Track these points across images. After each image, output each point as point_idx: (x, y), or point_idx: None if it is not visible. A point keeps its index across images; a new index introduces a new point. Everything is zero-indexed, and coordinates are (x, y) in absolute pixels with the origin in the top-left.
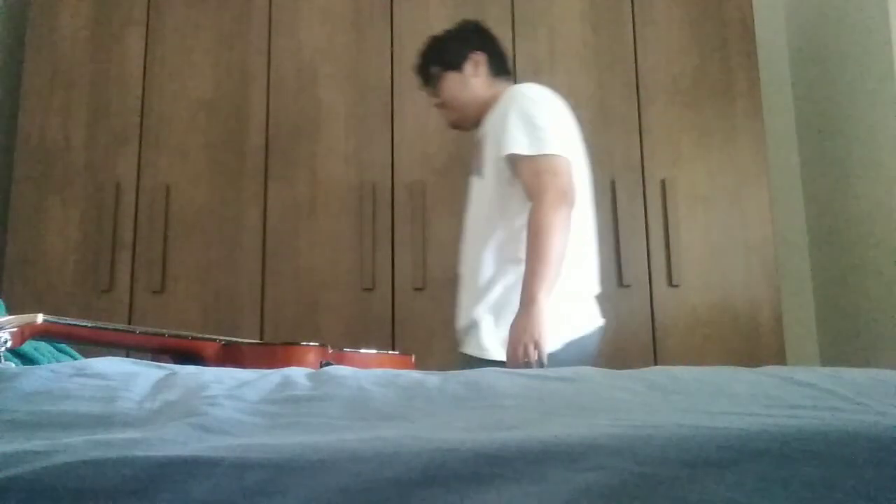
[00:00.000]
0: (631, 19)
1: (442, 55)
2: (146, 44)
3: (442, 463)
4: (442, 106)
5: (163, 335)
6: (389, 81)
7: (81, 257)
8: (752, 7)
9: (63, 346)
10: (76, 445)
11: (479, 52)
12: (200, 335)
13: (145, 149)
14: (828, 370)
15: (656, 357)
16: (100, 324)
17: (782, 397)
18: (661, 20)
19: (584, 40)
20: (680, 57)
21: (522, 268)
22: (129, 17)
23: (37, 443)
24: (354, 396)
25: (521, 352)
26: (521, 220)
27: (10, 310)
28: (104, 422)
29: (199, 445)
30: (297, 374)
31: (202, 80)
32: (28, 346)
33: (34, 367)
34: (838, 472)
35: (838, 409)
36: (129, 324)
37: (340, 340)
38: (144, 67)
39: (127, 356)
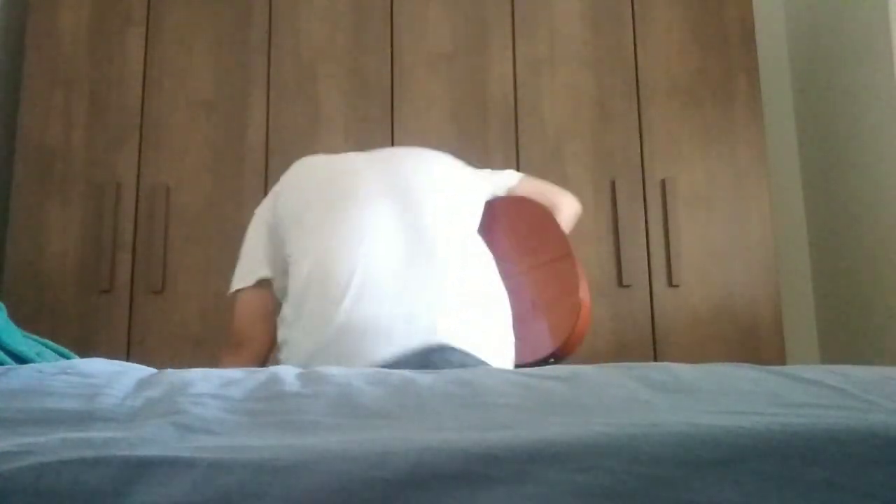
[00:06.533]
0: (631, 19)
1: None
2: (146, 44)
3: (431, 463)
4: None
5: None
6: (389, 81)
7: (81, 258)
8: (752, 7)
9: (67, 352)
10: (53, 445)
11: None
12: None
13: (145, 149)
14: (833, 367)
15: (656, 357)
16: None
17: (787, 395)
18: (661, 20)
19: (584, 40)
20: (680, 57)
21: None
22: (129, 17)
23: (14, 441)
24: (342, 394)
25: None
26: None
27: (11, 311)
28: (86, 418)
29: (179, 445)
30: (287, 372)
31: (202, 80)
32: (31, 351)
33: (21, 366)
34: (845, 471)
35: (845, 408)
36: (130, 324)
37: None
38: (144, 67)
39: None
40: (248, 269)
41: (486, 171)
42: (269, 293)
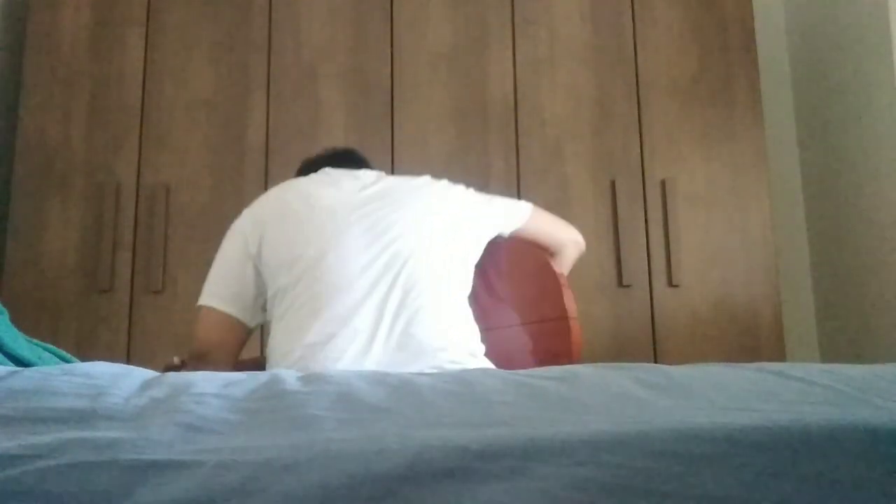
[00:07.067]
0: (631, 19)
1: None
2: (146, 44)
3: (430, 459)
4: None
5: None
6: (389, 81)
7: (81, 257)
8: (752, 7)
9: (69, 356)
10: (59, 447)
11: None
12: None
13: (145, 149)
14: (825, 366)
15: (656, 357)
16: None
17: (779, 392)
18: (661, 20)
19: (584, 40)
20: (680, 57)
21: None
22: (129, 17)
23: (20, 441)
24: (342, 393)
25: None
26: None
27: (11, 310)
28: (90, 416)
29: (183, 446)
30: (288, 374)
31: (202, 80)
32: (33, 356)
33: (25, 368)
34: (836, 465)
35: (835, 404)
36: (130, 324)
37: None
38: (144, 67)
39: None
40: (221, 293)
41: (501, 201)
42: (238, 321)
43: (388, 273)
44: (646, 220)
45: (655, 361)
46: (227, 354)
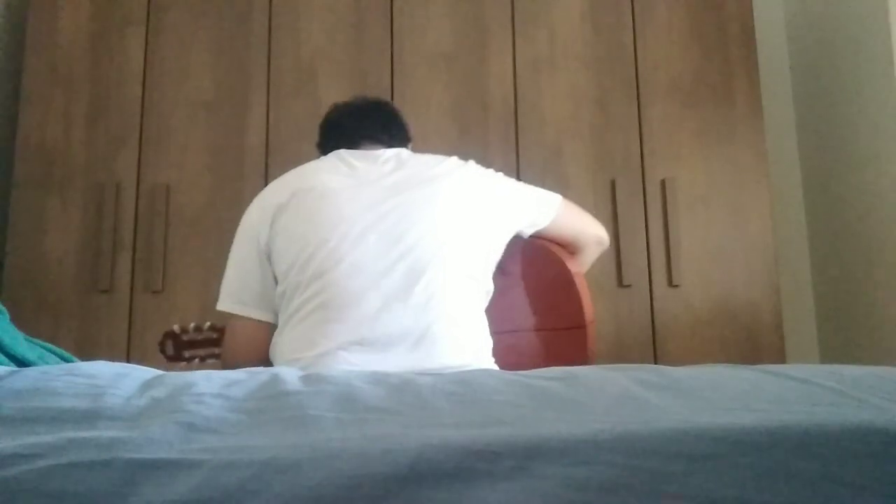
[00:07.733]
0: (631, 19)
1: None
2: (146, 44)
3: (430, 458)
4: None
5: None
6: (389, 81)
7: (81, 257)
8: (752, 7)
9: (70, 356)
10: (60, 446)
11: None
12: None
13: (145, 149)
14: (825, 367)
15: (656, 357)
16: None
17: (780, 393)
18: (661, 20)
19: (584, 40)
20: (680, 57)
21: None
22: (129, 17)
23: (21, 441)
24: (343, 393)
25: None
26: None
27: (11, 311)
28: (92, 417)
29: (183, 447)
30: (289, 374)
31: (202, 80)
32: (33, 355)
33: (26, 368)
34: (837, 465)
35: (836, 404)
36: (130, 324)
37: None
38: (144, 67)
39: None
40: (242, 297)
41: (532, 193)
42: (265, 324)
43: (405, 284)
44: (646, 220)
45: (655, 361)
46: (260, 361)
